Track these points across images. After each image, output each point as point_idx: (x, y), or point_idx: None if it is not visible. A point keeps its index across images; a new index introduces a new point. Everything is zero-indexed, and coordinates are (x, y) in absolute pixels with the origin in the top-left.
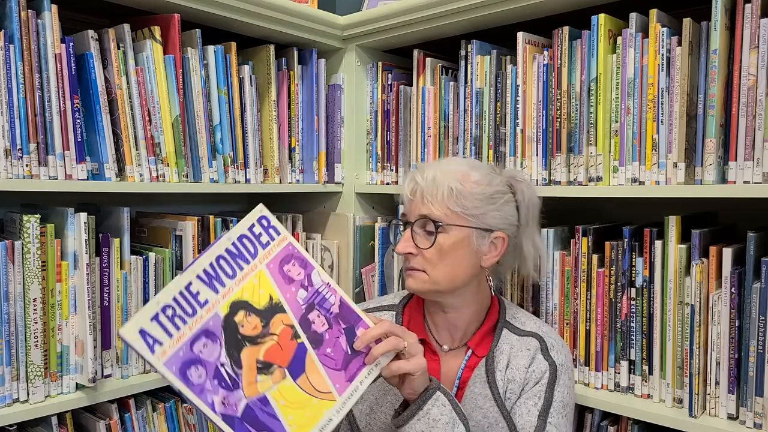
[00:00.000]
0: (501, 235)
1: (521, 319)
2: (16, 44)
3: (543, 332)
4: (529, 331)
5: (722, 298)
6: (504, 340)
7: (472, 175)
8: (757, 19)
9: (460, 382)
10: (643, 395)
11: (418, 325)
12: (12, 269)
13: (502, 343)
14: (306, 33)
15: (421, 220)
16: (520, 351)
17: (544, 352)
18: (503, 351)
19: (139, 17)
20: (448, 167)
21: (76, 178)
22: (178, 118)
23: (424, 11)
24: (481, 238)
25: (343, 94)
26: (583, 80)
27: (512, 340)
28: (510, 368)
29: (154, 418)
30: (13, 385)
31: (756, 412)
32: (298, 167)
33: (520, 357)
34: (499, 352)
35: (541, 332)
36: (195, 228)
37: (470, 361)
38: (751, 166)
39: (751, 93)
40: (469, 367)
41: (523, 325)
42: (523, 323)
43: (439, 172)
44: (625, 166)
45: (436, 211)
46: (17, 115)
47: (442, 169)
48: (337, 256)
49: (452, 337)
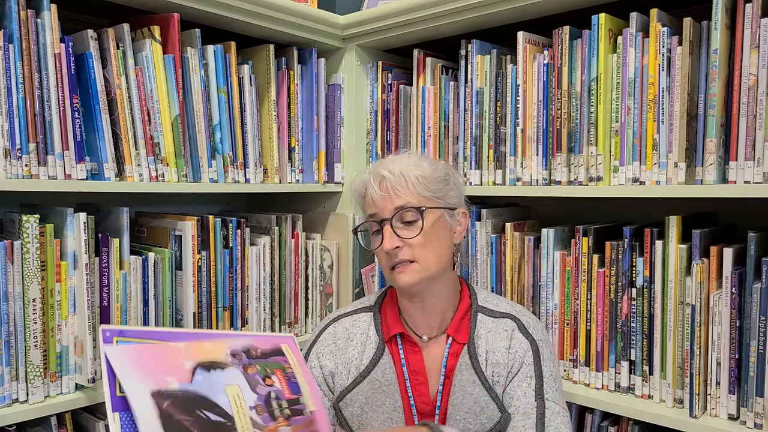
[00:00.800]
0: (462, 210)
1: (493, 301)
2: (15, 44)
3: (516, 311)
4: (503, 312)
5: (723, 298)
6: (481, 324)
7: (424, 164)
8: (758, 19)
9: (446, 370)
10: (644, 395)
11: (395, 320)
12: (11, 269)
13: (480, 328)
14: (306, 33)
15: (400, 212)
16: (498, 333)
17: (522, 330)
18: (481, 336)
19: (138, 17)
20: (402, 161)
21: (75, 178)
22: (178, 117)
23: (423, 11)
24: (450, 216)
25: (343, 93)
26: (583, 80)
27: (488, 323)
28: (492, 352)
29: None
30: (12, 386)
31: (756, 413)
32: (298, 167)
33: (499, 339)
34: (477, 337)
35: (515, 312)
36: (194, 228)
37: (452, 348)
38: (751, 166)
39: (751, 93)
40: (453, 355)
41: (496, 306)
42: (497, 305)
43: (399, 166)
44: (626, 165)
45: (412, 200)
46: (17, 115)
47: (399, 164)
48: (337, 256)
49: (430, 326)
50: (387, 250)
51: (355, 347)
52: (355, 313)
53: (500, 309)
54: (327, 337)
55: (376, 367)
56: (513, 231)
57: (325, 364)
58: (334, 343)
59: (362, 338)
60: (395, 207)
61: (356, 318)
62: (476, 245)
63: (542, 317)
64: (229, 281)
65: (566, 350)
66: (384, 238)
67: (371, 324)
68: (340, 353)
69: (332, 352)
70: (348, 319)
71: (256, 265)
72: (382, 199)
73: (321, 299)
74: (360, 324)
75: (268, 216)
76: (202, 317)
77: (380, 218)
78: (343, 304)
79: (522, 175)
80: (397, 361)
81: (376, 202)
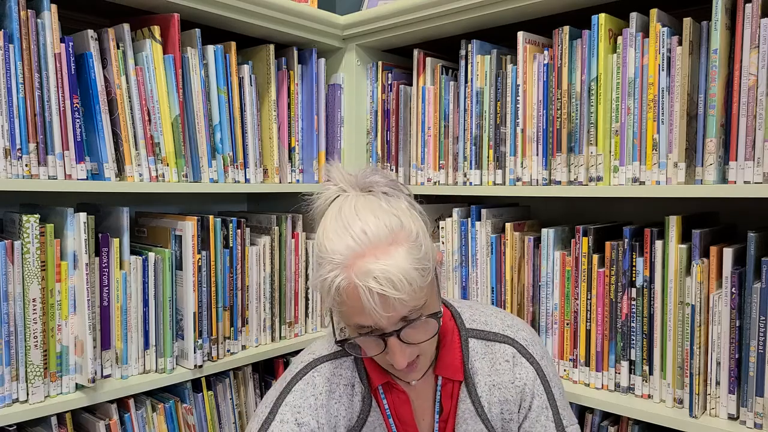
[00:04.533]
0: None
1: (480, 318)
2: (15, 44)
3: (509, 328)
4: (498, 334)
5: (723, 298)
6: (474, 354)
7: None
8: (758, 19)
9: (443, 414)
10: (644, 395)
11: (378, 367)
12: (11, 269)
13: (474, 360)
14: (306, 33)
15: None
16: (499, 365)
17: (523, 353)
18: (477, 370)
19: (138, 17)
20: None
21: (75, 178)
22: (178, 117)
23: (424, 11)
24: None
25: (343, 93)
26: (583, 80)
27: (480, 349)
28: (496, 388)
29: (153, 418)
30: (12, 386)
31: (756, 413)
32: (298, 167)
33: (501, 373)
34: (474, 373)
35: (509, 329)
36: (194, 228)
37: (445, 387)
38: (751, 166)
39: (751, 93)
40: (447, 396)
41: (486, 325)
42: (486, 323)
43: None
44: (626, 165)
45: (417, 303)
46: (17, 115)
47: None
48: None
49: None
50: (401, 367)
51: (340, 401)
52: (334, 357)
53: (492, 329)
54: (305, 388)
55: (364, 427)
56: (513, 231)
57: (305, 421)
58: (315, 397)
59: (347, 391)
60: (401, 318)
61: (337, 365)
62: (476, 245)
63: (542, 317)
64: (229, 281)
65: (566, 350)
66: (394, 354)
67: (354, 371)
68: (323, 410)
69: (313, 407)
70: (327, 366)
71: (256, 265)
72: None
73: (321, 299)
74: (342, 373)
75: (268, 216)
76: (202, 317)
77: (382, 332)
78: None
79: (522, 175)
80: (384, 415)
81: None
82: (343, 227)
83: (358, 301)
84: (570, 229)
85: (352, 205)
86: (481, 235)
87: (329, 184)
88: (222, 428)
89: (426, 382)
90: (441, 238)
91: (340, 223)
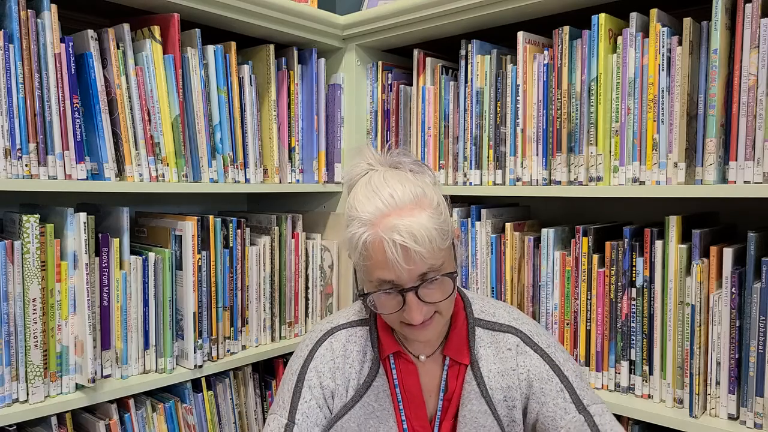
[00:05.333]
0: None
1: (490, 311)
2: (15, 44)
3: (515, 319)
4: (504, 325)
5: (723, 298)
6: (480, 341)
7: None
8: (758, 19)
9: (448, 393)
10: (644, 395)
11: (390, 337)
12: (11, 269)
13: (479, 346)
14: (306, 33)
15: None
16: (501, 351)
17: (527, 342)
18: (482, 356)
19: (138, 17)
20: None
21: (75, 178)
22: (178, 117)
23: (424, 11)
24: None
25: (343, 93)
26: (583, 80)
27: (486, 338)
28: (499, 373)
29: (153, 418)
30: (12, 386)
31: (756, 413)
32: (298, 167)
33: (505, 360)
34: (479, 358)
35: (515, 321)
36: (194, 228)
37: (451, 369)
38: (751, 166)
39: (751, 93)
40: (453, 377)
41: (494, 317)
42: (494, 315)
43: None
44: (626, 165)
45: (434, 261)
46: (17, 115)
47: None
48: (337, 256)
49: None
50: (417, 322)
51: (352, 366)
52: (350, 326)
53: (499, 320)
54: (325, 353)
55: (369, 390)
56: (513, 231)
57: (326, 384)
58: (333, 361)
59: (359, 356)
60: (420, 274)
61: (353, 333)
62: (476, 245)
63: (542, 317)
64: (229, 281)
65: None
66: (411, 310)
67: (367, 339)
68: (339, 372)
69: (332, 370)
70: (344, 333)
71: (256, 265)
72: (407, 272)
73: (321, 299)
74: (357, 340)
75: (268, 216)
76: (202, 317)
77: (401, 287)
78: (344, 305)
79: (522, 175)
80: (391, 383)
81: (398, 271)
82: (372, 191)
83: (383, 255)
84: (570, 229)
85: (381, 176)
86: (481, 235)
87: (360, 162)
88: (222, 428)
89: (434, 361)
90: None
91: (369, 188)
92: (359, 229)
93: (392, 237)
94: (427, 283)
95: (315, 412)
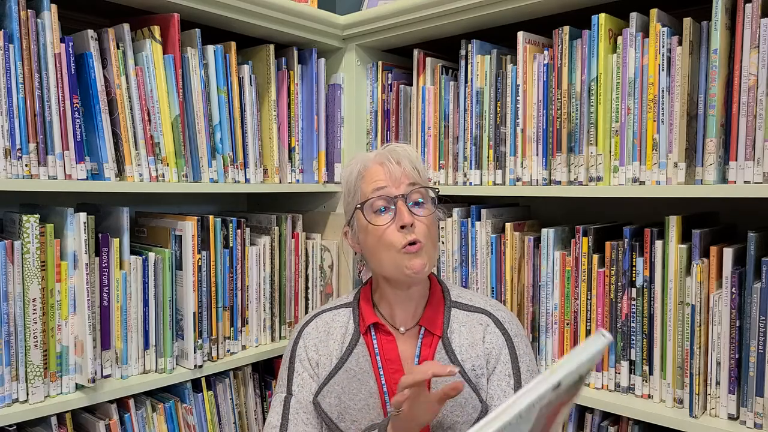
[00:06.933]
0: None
1: (467, 296)
2: (15, 44)
3: (491, 306)
4: (477, 307)
5: (723, 298)
6: (454, 319)
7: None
8: (758, 19)
9: (420, 360)
10: (644, 395)
11: (370, 312)
12: (11, 269)
13: (453, 322)
14: (306, 33)
15: (414, 189)
16: (473, 327)
17: (497, 324)
18: (455, 330)
19: (138, 17)
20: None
21: (75, 178)
22: (178, 117)
23: (424, 11)
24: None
25: (343, 93)
26: (583, 80)
27: (461, 317)
28: (468, 345)
29: (153, 418)
30: (12, 386)
31: (756, 413)
32: (298, 167)
33: (474, 332)
34: (451, 332)
35: (489, 307)
36: (194, 228)
37: (425, 338)
38: (751, 166)
39: (751, 93)
40: (426, 345)
41: (470, 301)
42: (470, 300)
43: (402, 145)
44: (626, 165)
45: (421, 182)
46: (17, 115)
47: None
48: (337, 256)
49: (406, 317)
50: (407, 221)
51: (335, 339)
52: (335, 309)
53: (474, 304)
54: (311, 331)
55: (350, 357)
56: (513, 231)
57: (311, 356)
58: (317, 336)
59: (341, 331)
60: (410, 183)
61: (336, 313)
62: (476, 245)
63: (542, 317)
64: (229, 281)
65: (566, 350)
66: (401, 212)
67: (350, 318)
68: (323, 345)
69: (315, 344)
70: (328, 314)
71: (256, 265)
72: (401, 175)
73: (321, 299)
74: (339, 318)
75: (268, 216)
76: (202, 317)
77: (392, 194)
78: None
79: (522, 175)
80: (371, 350)
81: (393, 175)
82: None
83: (379, 167)
84: (570, 229)
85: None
86: (481, 235)
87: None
88: (222, 428)
89: (411, 333)
90: (441, 238)
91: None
92: (360, 163)
93: (386, 148)
94: (413, 193)
95: (308, 383)
